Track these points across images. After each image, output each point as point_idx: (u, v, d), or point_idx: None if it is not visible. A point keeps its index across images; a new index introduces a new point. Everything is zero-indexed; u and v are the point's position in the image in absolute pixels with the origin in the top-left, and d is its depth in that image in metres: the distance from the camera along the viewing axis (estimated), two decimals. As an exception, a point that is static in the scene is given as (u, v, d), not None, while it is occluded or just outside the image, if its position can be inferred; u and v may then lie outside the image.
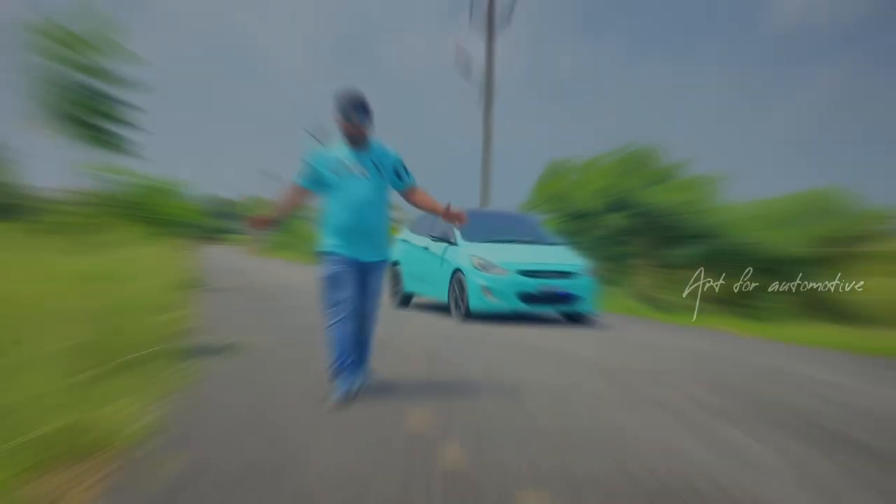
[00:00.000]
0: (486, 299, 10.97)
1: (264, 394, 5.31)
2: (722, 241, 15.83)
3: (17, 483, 3.15)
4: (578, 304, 11.33)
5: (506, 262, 11.11)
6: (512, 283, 10.95)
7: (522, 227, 13.20)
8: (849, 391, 6.36)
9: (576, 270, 11.42)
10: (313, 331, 9.20)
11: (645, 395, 5.82)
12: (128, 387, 4.86)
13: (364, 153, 5.16)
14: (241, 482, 3.39)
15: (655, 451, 4.14)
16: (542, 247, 12.30)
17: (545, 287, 11.07)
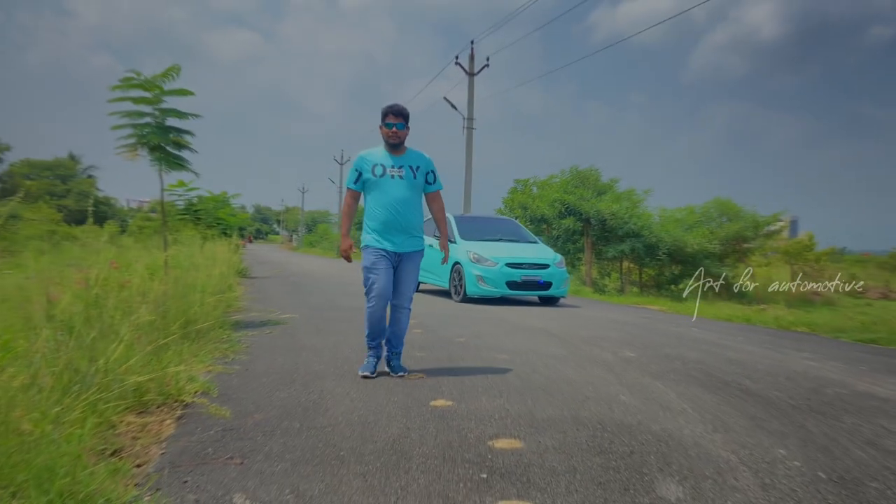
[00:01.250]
0: (480, 286, 10.93)
1: (296, 356, 5.32)
2: (647, 240, 15.89)
3: (117, 420, 3.18)
4: (553, 289, 11.20)
5: (495, 257, 11.06)
6: (500, 273, 10.91)
7: (508, 228, 13.09)
8: (733, 349, 6.42)
9: (551, 263, 11.31)
10: (331, 308, 9.21)
11: (589, 355, 5.86)
12: (190, 352, 4.87)
13: (401, 157, 4.69)
14: (278, 422, 3.41)
15: (596, 398, 4.17)
16: (523, 244, 12.19)
17: (527, 276, 11.01)
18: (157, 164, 7.01)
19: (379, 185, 4.59)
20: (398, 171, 4.62)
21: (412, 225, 4.69)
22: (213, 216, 16.28)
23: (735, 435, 3.45)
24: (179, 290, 6.09)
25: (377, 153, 4.68)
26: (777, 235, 17.28)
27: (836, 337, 8.18)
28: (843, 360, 6.16)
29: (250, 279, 15.24)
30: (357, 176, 4.66)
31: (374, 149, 4.72)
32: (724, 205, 16.70)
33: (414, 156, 4.73)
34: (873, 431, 3.60)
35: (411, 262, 4.74)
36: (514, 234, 12.76)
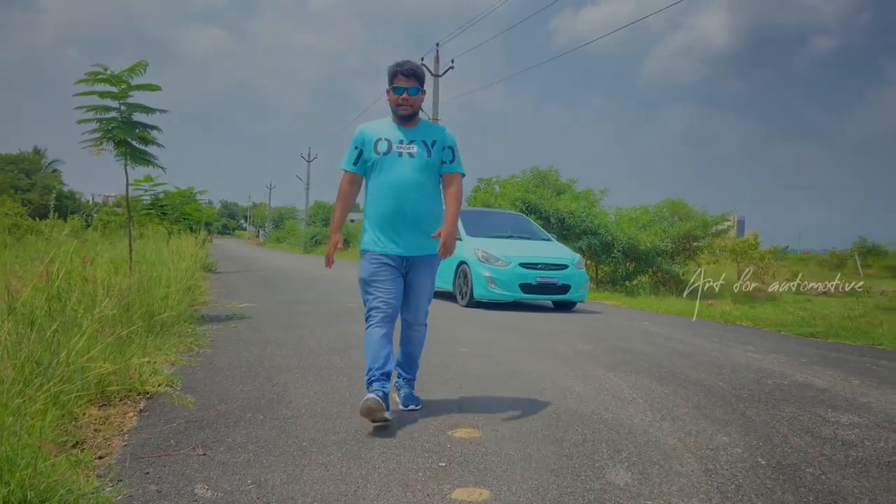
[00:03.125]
0: (490, 288, 9.41)
1: (260, 350, 5.26)
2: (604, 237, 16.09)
3: (79, 412, 3.11)
4: (571, 293, 9.73)
5: (507, 255, 9.57)
6: (513, 275, 9.40)
7: (518, 224, 11.54)
8: (683, 343, 6.55)
9: (569, 263, 9.81)
10: (297, 302, 9.14)
11: (546, 347, 5.92)
12: (154, 346, 4.78)
13: (413, 129, 3.50)
14: (241, 414, 3.37)
15: (552, 389, 4.22)
16: (537, 242, 10.65)
17: (543, 278, 9.52)
18: (122, 159, 6.86)
19: (383, 166, 3.43)
20: (408, 147, 3.44)
21: (427, 218, 3.47)
22: (179, 211, 15.99)
23: (681, 423, 3.52)
24: (144, 284, 5.98)
25: (382, 125, 3.53)
26: (725, 234, 17.66)
27: (778, 331, 8.39)
28: (783, 352, 6.33)
29: (217, 274, 15.01)
30: (357, 155, 3.51)
31: (379, 120, 3.58)
32: (675, 205, 16.99)
33: (429, 128, 3.57)
34: (810, 420, 3.71)
35: (426, 268, 3.55)
36: (524, 230, 11.20)
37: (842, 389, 4.59)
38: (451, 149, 3.54)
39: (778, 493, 2.56)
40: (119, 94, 6.54)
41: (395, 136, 3.47)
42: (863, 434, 3.44)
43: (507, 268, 9.44)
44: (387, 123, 3.54)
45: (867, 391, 4.56)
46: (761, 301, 13.82)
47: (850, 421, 3.71)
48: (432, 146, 3.48)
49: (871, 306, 11.92)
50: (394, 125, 3.51)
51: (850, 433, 3.45)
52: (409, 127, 3.50)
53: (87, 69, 6.46)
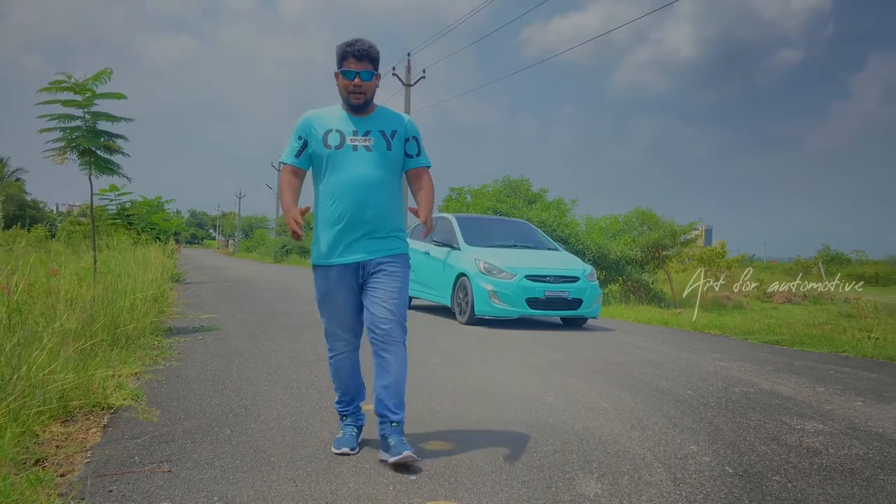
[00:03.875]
0: (493, 304, 8.45)
1: (228, 362, 5.19)
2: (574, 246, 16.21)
3: (39, 429, 3.02)
4: (583, 308, 8.76)
5: (512, 267, 8.61)
6: (519, 288, 8.46)
7: (521, 232, 10.54)
8: (652, 351, 6.62)
9: (580, 275, 8.84)
10: (266, 313, 9.04)
11: (517, 357, 5.93)
12: (119, 359, 4.69)
13: (368, 118, 3.00)
14: (208, 428, 3.31)
15: (524, 400, 4.22)
16: (544, 252, 9.67)
17: (552, 292, 8.57)
18: (86, 169, 6.74)
19: (336, 163, 2.91)
20: (364, 139, 2.94)
21: (387, 221, 2.98)
22: (146, 221, 15.76)
23: (651, 433, 3.55)
24: (108, 295, 5.86)
25: (332, 114, 3.01)
26: (693, 243, 17.92)
27: (745, 339, 8.53)
28: (750, 360, 6.43)
29: (185, 284, 14.79)
30: (301, 147, 2.98)
31: (328, 108, 3.07)
32: (644, 214, 17.20)
33: (386, 116, 3.05)
34: (776, 428, 3.77)
35: (389, 271, 2.96)
36: (529, 238, 10.25)
37: (806, 397, 4.67)
38: (416, 139, 3.08)
39: (745, 501, 2.59)
40: (83, 102, 6.44)
41: (348, 126, 2.95)
42: (827, 441, 3.51)
43: (513, 280, 8.49)
44: (337, 112, 3.01)
45: (831, 398, 4.66)
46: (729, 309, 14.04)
47: (814, 428, 3.78)
48: (392, 137, 2.98)
49: (834, 314, 12.18)
50: (345, 114, 2.99)
51: (814, 440, 3.52)
52: (363, 116, 2.99)
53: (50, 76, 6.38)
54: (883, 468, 3.09)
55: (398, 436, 2.89)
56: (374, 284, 2.94)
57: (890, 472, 3.04)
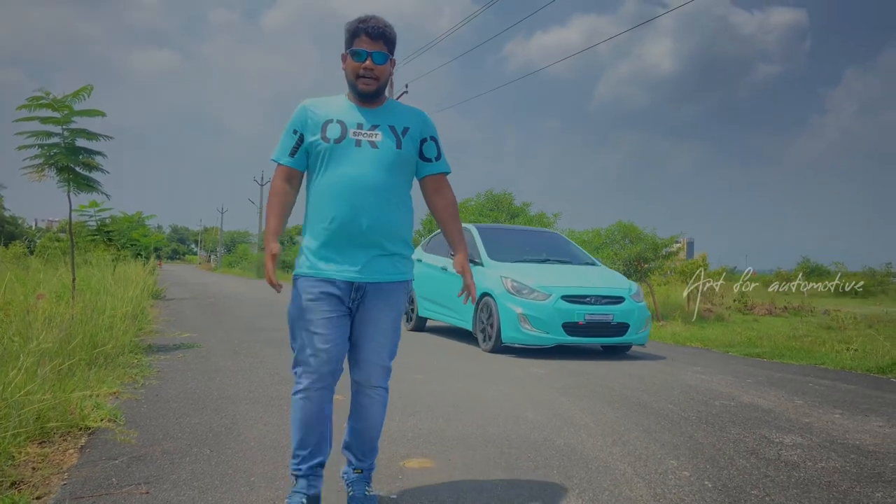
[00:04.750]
0: (523, 329, 7.18)
1: (209, 380, 5.16)
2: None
3: (15, 451, 2.99)
4: (630, 334, 7.47)
5: (545, 285, 7.39)
6: (554, 311, 7.17)
7: (552, 244, 9.26)
8: (634, 364, 6.66)
9: (625, 295, 7.59)
10: (248, 330, 8.98)
11: (498, 371, 5.94)
12: (97, 378, 4.64)
13: (378, 111, 2.52)
14: (187, 449, 3.29)
15: (505, 415, 4.23)
16: (581, 267, 8.38)
17: (593, 315, 7.28)
18: (65, 186, 6.70)
19: (334, 158, 2.43)
20: (371, 133, 2.46)
21: (388, 235, 2.47)
22: (126, 237, 15.61)
23: (631, 447, 3.58)
24: (87, 313, 5.81)
25: (334, 103, 2.54)
26: (675, 256, 18.07)
27: (726, 351, 8.60)
28: (731, 373, 6.49)
29: (166, 301, 14.67)
30: (296, 142, 2.51)
31: (330, 96, 2.60)
32: (626, 228, 17.33)
33: (400, 111, 2.58)
34: (756, 441, 3.81)
35: (386, 301, 2.49)
36: (562, 251, 8.94)
37: (785, 410, 4.72)
38: (435, 141, 2.59)
39: (723, 515, 2.62)
40: (62, 119, 6.40)
41: (352, 118, 2.48)
42: (805, 455, 3.55)
43: (547, 302, 7.24)
44: (341, 101, 2.55)
45: (809, 411, 4.71)
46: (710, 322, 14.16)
47: (793, 441, 3.82)
48: (403, 134, 2.50)
49: (814, 325, 12.33)
50: (350, 104, 2.52)
51: (792, 454, 3.56)
52: (371, 107, 2.52)
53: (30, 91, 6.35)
54: (859, 481, 3.13)
55: (361, 486, 2.53)
56: (366, 317, 2.46)
57: (866, 484, 3.08)
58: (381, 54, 2.45)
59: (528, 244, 9.05)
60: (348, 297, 2.45)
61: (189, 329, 8.79)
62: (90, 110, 6.51)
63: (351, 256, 2.43)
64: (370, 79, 2.45)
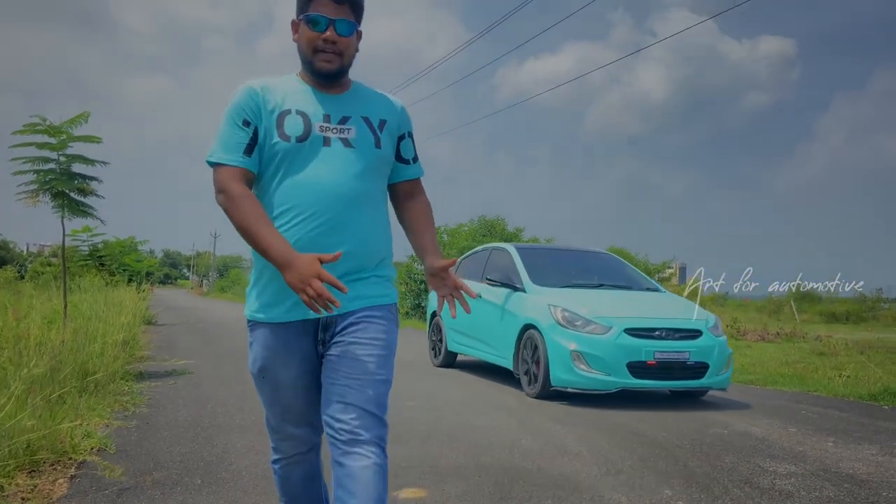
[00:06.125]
0: (578, 370, 5.85)
1: (200, 408, 5.12)
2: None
3: (5, 481, 2.96)
4: (710, 376, 6.06)
5: (604, 316, 6.06)
6: (617, 348, 5.85)
7: (606, 267, 7.88)
8: (628, 391, 6.64)
9: (702, 327, 6.22)
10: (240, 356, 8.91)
11: (492, 399, 5.92)
12: (88, 406, 4.60)
13: (344, 98, 1.94)
14: (178, 478, 3.26)
15: (499, 444, 4.21)
16: (642, 294, 7.14)
17: (665, 353, 5.93)
18: (59, 211, 6.71)
19: (294, 163, 1.84)
20: (341, 128, 1.88)
21: (369, 254, 1.91)
22: (118, 262, 15.58)
23: (625, 477, 3.56)
24: (78, 340, 5.77)
25: (287, 87, 1.92)
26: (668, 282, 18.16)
27: (720, 378, 8.59)
28: (724, 401, 6.48)
29: (157, 326, 14.58)
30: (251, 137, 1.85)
31: (280, 77, 1.97)
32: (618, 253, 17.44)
33: (371, 98, 2.00)
34: (749, 470, 3.80)
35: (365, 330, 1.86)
36: (617, 275, 7.62)
37: (779, 438, 4.72)
38: (412, 138, 2.08)
39: (718, 547, 2.61)
40: (58, 145, 6.44)
41: (315, 107, 1.88)
42: (799, 483, 3.55)
43: (607, 336, 5.92)
44: (294, 84, 1.93)
45: (803, 439, 4.71)
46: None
47: (786, 470, 3.82)
48: (381, 129, 1.94)
49: (806, 351, 12.35)
50: (307, 88, 1.92)
51: (786, 483, 3.55)
52: (335, 93, 1.93)
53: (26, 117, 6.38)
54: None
55: None
56: (342, 352, 1.83)
57: (860, 514, 3.08)
58: (345, 22, 1.87)
59: (576, 266, 7.75)
60: (315, 341, 1.89)
61: (180, 355, 8.73)
62: (87, 136, 6.56)
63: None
64: (332, 54, 1.86)
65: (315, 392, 1.92)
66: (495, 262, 7.73)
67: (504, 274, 7.19)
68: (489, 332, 7.18)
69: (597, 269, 7.69)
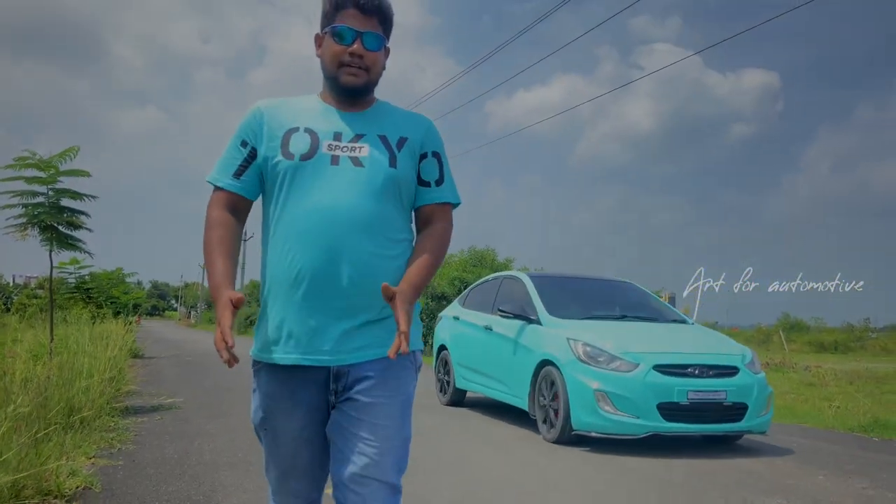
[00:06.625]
0: (602, 412, 5.24)
1: (187, 444, 5.07)
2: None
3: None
4: (749, 419, 5.44)
5: (630, 352, 5.48)
6: (646, 387, 5.26)
7: (627, 296, 7.29)
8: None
9: (739, 364, 5.64)
10: (228, 390, 8.85)
11: (482, 431, 5.89)
12: (73, 443, 4.55)
13: (364, 115, 1.78)
14: (165, 519, 3.22)
15: (489, 480, 4.19)
16: (670, 326, 6.54)
17: (700, 392, 5.33)
18: (48, 245, 6.70)
19: (300, 183, 1.69)
20: (353, 146, 1.72)
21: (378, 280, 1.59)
22: (105, 294, 15.47)
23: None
24: (65, 375, 5.72)
25: (301, 106, 1.80)
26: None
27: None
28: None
29: (144, 359, 14.44)
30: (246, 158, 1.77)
31: (295, 97, 1.85)
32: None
33: (394, 116, 1.83)
34: (739, 504, 3.79)
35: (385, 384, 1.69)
36: (641, 306, 7.02)
37: (768, 471, 4.73)
38: (438, 157, 1.84)
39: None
40: (47, 179, 6.45)
41: (327, 124, 1.74)
42: (789, 518, 3.54)
43: (634, 374, 5.32)
44: (311, 103, 1.81)
45: (793, 473, 4.72)
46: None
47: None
48: (399, 147, 1.76)
49: (796, 382, 12.38)
50: (326, 107, 1.79)
51: (776, 518, 3.55)
52: (355, 111, 1.78)
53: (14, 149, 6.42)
54: (843, 546, 3.12)
55: None
56: (355, 411, 1.66)
57: (850, 549, 3.08)
58: (374, 35, 1.73)
59: (595, 296, 7.20)
60: (327, 389, 1.68)
61: (168, 389, 8.65)
62: (76, 170, 6.58)
63: (324, 328, 1.65)
64: (358, 69, 1.72)
65: (320, 447, 1.73)
66: (507, 292, 7.18)
67: (517, 305, 6.59)
68: (501, 369, 6.63)
69: (617, 299, 7.13)
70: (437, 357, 8.24)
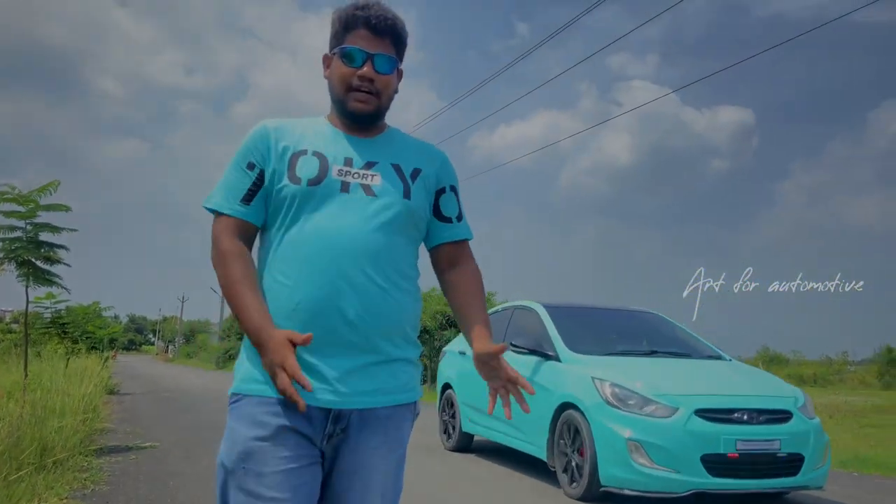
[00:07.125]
0: (636, 464, 4.48)
1: (162, 486, 4.97)
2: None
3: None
4: (806, 472, 4.64)
5: (667, 394, 4.72)
6: (688, 435, 4.49)
7: (655, 330, 6.50)
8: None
9: (792, 407, 4.85)
10: (205, 428, 8.72)
11: (461, 469, 5.84)
12: (45, 485, 4.45)
13: (375, 142, 1.67)
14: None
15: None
16: (708, 363, 5.75)
17: (749, 441, 4.56)
18: (24, 280, 6.62)
19: (307, 209, 1.55)
20: (365, 173, 1.60)
21: (392, 324, 1.57)
22: (81, 329, 15.23)
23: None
24: (38, 414, 5.61)
25: (309, 127, 1.67)
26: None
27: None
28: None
29: (120, 396, 14.19)
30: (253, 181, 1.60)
31: (303, 118, 1.72)
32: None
33: (408, 145, 1.75)
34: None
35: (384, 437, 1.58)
36: (671, 340, 6.26)
37: (749, 509, 4.71)
38: (455, 192, 1.78)
39: None
40: (26, 213, 6.40)
41: (337, 149, 1.63)
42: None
43: (673, 420, 4.56)
44: (320, 126, 1.69)
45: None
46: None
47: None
48: (413, 178, 1.66)
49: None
50: (335, 130, 1.68)
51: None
52: (366, 136, 1.68)
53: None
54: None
55: None
56: (348, 463, 1.55)
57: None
58: (385, 58, 1.63)
59: (619, 329, 6.47)
60: (321, 434, 1.52)
61: (143, 427, 8.50)
62: (56, 205, 6.54)
63: (326, 365, 1.50)
64: (368, 94, 1.61)
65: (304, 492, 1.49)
66: (520, 324, 6.47)
67: (532, 339, 5.89)
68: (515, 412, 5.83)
69: (644, 332, 6.34)
70: (441, 396, 7.44)
